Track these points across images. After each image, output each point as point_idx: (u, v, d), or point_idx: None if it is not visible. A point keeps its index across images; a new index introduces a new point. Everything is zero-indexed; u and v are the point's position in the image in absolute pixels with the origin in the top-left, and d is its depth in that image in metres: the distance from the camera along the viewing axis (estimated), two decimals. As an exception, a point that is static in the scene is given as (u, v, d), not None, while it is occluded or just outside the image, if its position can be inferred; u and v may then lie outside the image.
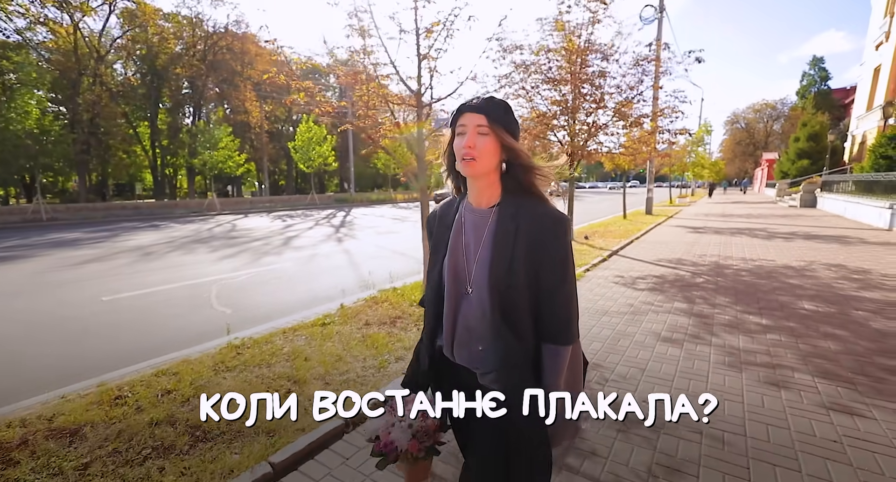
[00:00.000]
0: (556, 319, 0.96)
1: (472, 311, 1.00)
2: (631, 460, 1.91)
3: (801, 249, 7.64)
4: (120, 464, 1.96)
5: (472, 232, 1.02)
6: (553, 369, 0.96)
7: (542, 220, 0.95)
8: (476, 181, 0.99)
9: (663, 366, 2.90)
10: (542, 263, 0.94)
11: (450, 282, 1.03)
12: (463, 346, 1.03)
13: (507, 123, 0.95)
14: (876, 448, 1.95)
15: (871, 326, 3.57)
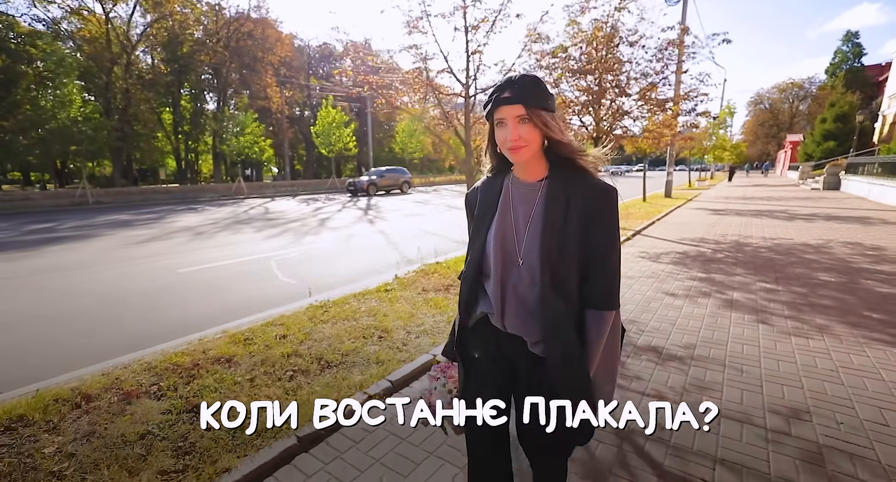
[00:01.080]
0: (603, 286, 1.00)
1: (523, 281, 1.02)
2: (669, 381, 2.46)
3: (821, 229, 7.96)
4: (274, 379, 2.59)
5: (521, 205, 1.05)
6: (597, 333, 1.00)
7: (593, 191, 0.98)
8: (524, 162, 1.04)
9: (690, 321, 3.42)
10: (593, 233, 0.98)
11: (497, 254, 1.05)
12: (514, 315, 1.05)
13: (542, 103, 0.96)
14: (864, 374, 2.46)
15: (878, 291, 4.02)
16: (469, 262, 1.12)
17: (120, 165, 23.33)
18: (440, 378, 1.23)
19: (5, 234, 9.82)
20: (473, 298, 1.13)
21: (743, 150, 35.57)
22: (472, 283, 1.12)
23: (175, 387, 2.50)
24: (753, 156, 57.00)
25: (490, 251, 1.05)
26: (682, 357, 2.77)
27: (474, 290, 1.12)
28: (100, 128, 17.30)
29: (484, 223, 1.09)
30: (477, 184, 1.18)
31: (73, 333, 3.67)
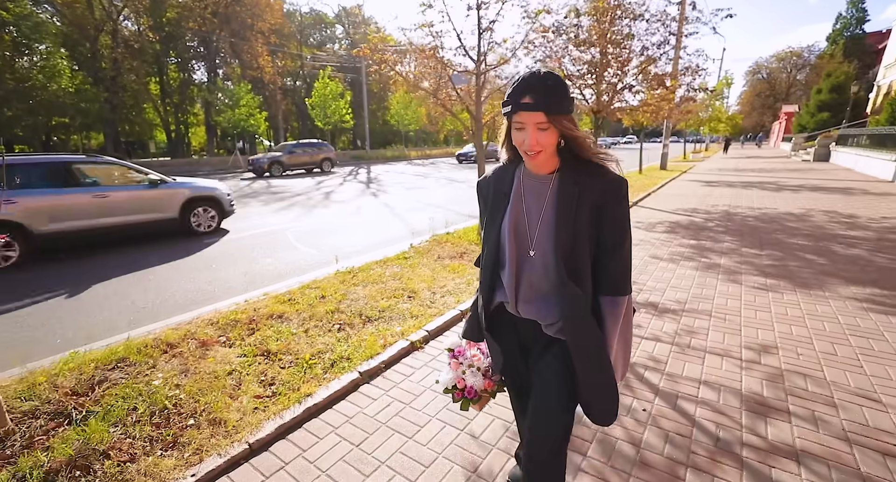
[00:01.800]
0: (617, 273, 1.04)
1: (536, 270, 1.07)
2: (664, 328, 2.92)
3: (805, 199, 8.42)
4: (325, 331, 3.01)
5: (532, 197, 1.08)
6: (613, 318, 1.05)
7: (605, 183, 1.01)
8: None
9: (682, 281, 3.87)
10: (605, 224, 1.02)
11: (511, 245, 1.09)
12: (528, 302, 1.11)
13: (563, 107, 0.96)
14: (825, 319, 2.94)
15: (844, 253, 4.50)
16: (486, 253, 1.16)
17: (112, 138, 22.92)
18: (462, 362, 1.30)
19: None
20: (492, 287, 1.18)
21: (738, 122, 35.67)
22: (490, 273, 1.16)
23: (241, 337, 2.90)
24: (748, 127, 56.98)
25: (504, 242, 1.10)
26: (675, 309, 3.22)
27: (493, 280, 1.17)
28: (92, 99, 16.92)
29: (497, 214, 1.12)
30: (488, 173, 1.20)
31: (115, 298, 4.03)
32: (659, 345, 2.65)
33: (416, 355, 2.72)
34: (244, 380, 2.38)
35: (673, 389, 2.19)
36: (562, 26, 7.94)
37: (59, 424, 1.98)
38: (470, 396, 1.24)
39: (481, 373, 1.26)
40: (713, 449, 1.76)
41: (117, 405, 2.09)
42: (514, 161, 1.14)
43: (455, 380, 1.28)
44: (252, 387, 2.30)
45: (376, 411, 2.13)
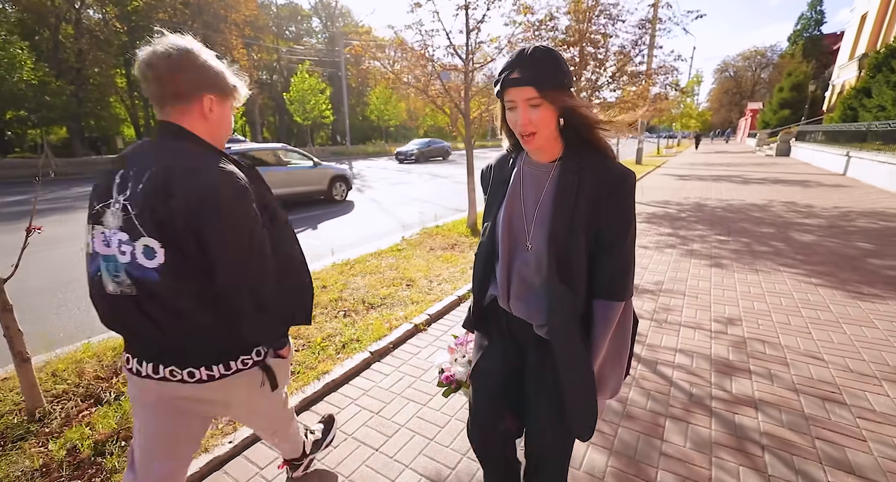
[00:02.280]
0: (613, 276, 0.94)
1: (529, 265, 1.00)
2: (643, 307, 3.22)
3: (768, 191, 9.04)
4: (331, 316, 3.17)
5: (531, 187, 1.01)
6: (603, 325, 0.95)
7: (608, 176, 0.92)
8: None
9: (659, 266, 4.21)
10: (605, 220, 0.93)
11: (505, 237, 1.02)
12: (519, 299, 1.04)
13: (558, 83, 0.88)
14: (782, 295, 3.32)
15: (799, 239, 4.97)
16: (483, 243, 1.10)
17: (79, 134, 21.92)
18: (457, 350, 1.31)
19: (-18, 207, 9.52)
20: (486, 279, 1.12)
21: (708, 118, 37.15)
22: (485, 264, 1.10)
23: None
24: (717, 123, 59.34)
25: (498, 233, 1.03)
26: (652, 290, 3.55)
27: (487, 271, 1.11)
28: (57, 93, 16.15)
29: (495, 204, 1.07)
30: (491, 160, 1.14)
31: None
32: (641, 323, 2.94)
33: (420, 337, 2.92)
34: (262, 361, 2.53)
35: (653, 357, 2.48)
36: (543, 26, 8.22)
37: (91, 405, 2.10)
38: (447, 382, 1.24)
39: (470, 366, 1.22)
40: (687, 402, 2.05)
41: (145, 386, 2.22)
42: (517, 148, 1.07)
43: (443, 365, 1.30)
44: (271, 368, 2.46)
45: (390, 384, 2.33)
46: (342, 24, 44.09)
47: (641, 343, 2.65)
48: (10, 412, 2.00)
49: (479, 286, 1.13)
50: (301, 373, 2.40)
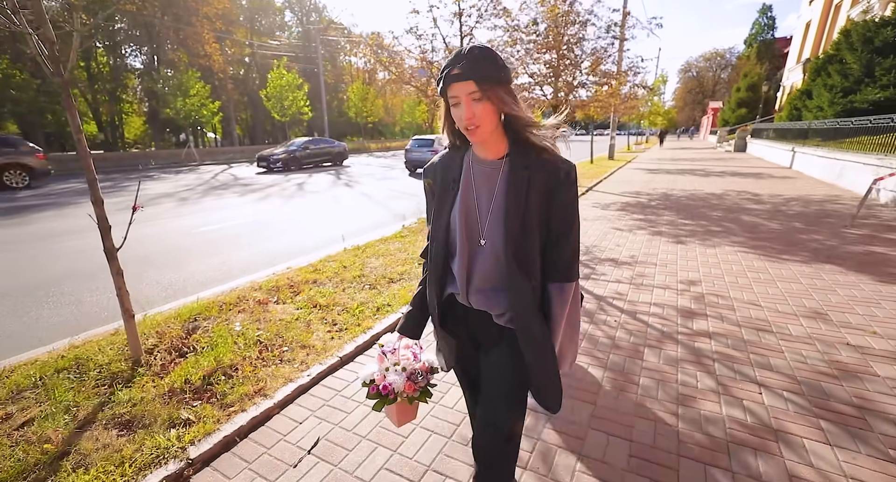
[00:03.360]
0: (565, 260, 1.03)
1: (487, 260, 1.04)
2: (623, 275, 3.86)
3: (725, 183, 10.04)
4: (358, 289, 3.63)
5: (483, 184, 1.04)
6: (560, 305, 1.04)
7: (553, 169, 0.98)
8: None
9: (634, 244, 4.88)
10: (554, 210, 1.00)
11: (462, 235, 1.05)
12: (479, 292, 1.08)
13: (497, 78, 0.92)
14: (732, 263, 4.03)
15: (748, 221, 5.80)
16: (436, 244, 1.11)
17: (39, 129, 20.96)
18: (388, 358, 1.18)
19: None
20: (442, 279, 1.14)
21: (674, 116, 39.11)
22: (441, 264, 1.12)
23: (290, 297, 3.47)
24: (682, 121, 62.28)
25: (455, 231, 1.06)
26: (629, 262, 4.20)
27: (444, 271, 1.13)
28: (23, 87, 15.50)
29: (447, 203, 1.08)
30: (434, 159, 1.15)
31: (152, 276, 4.36)
32: (620, 285, 3.58)
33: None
34: (311, 322, 2.98)
35: (633, 309, 3.10)
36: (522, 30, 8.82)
37: (178, 356, 2.50)
38: (384, 393, 1.13)
39: (406, 374, 1.14)
40: (660, 336, 2.67)
41: (221, 342, 2.64)
42: (459, 147, 1.10)
43: (375, 375, 1.16)
44: (320, 327, 2.92)
45: (425, 335, 2.84)
46: (316, 18, 43.55)
47: (623, 300, 3.27)
48: (118, 360, 2.39)
49: (439, 286, 1.14)
50: (348, 329, 2.86)
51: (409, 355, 1.19)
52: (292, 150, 16.56)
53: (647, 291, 3.42)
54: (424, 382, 1.16)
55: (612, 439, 1.79)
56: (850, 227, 5.29)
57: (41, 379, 2.24)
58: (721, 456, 1.68)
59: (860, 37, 11.44)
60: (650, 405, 2.00)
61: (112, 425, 1.90)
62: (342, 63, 47.25)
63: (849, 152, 8.76)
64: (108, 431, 1.86)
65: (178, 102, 20.25)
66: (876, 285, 3.40)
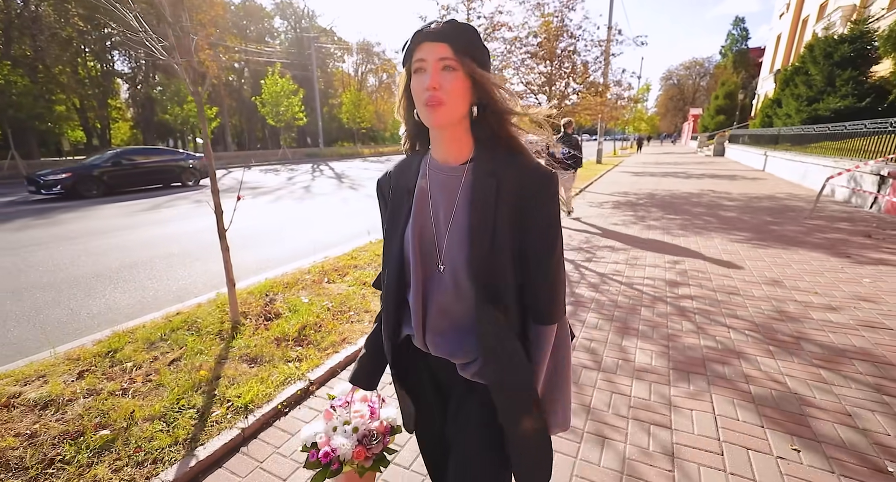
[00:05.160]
0: (543, 294, 0.79)
1: (446, 291, 0.81)
2: (619, 258, 4.55)
3: (704, 184, 10.95)
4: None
5: (440, 195, 0.82)
6: (539, 349, 0.82)
7: (528, 177, 0.76)
8: (443, 132, 0.78)
9: (628, 234, 5.60)
10: (529, 229, 0.77)
11: (416, 259, 0.82)
12: (438, 334, 0.84)
13: (476, 52, 0.74)
14: (713, 249, 4.77)
15: (724, 215, 6.62)
16: (389, 271, 0.87)
17: (36, 136, 20.96)
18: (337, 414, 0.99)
19: (-24, 207, 9.51)
20: (398, 316, 0.90)
21: (657, 122, 40.66)
22: (395, 297, 0.87)
23: (338, 278, 4.05)
24: (664, 127, 64.50)
25: (408, 254, 0.83)
26: (625, 248, 4.90)
27: (399, 306, 0.89)
28: (24, 93, 15.67)
29: (399, 219, 0.85)
30: (389, 167, 0.92)
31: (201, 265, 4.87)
32: (618, 265, 4.27)
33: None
34: (366, 295, 3.57)
35: (630, 282, 3.78)
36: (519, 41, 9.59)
37: (265, 320, 3.07)
38: (325, 461, 0.92)
39: (356, 436, 0.96)
40: (652, 298, 3.35)
41: (299, 310, 3.21)
42: (420, 149, 0.90)
43: (317, 437, 0.96)
44: (374, 299, 3.51)
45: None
46: (307, 24, 44.06)
47: (621, 275, 3.95)
48: (220, 321, 2.95)
49: (393, 326, 0.90)
50: (399, 299, 3.47)
51: (364, 411, 1.00)
52: (88, 169, 10.73)
53: (640, 269, 4.11)
54: (380, 447, 0.96)
55: (621, 362, 2.44)
56: (808, 218, 6.12)
57: (163, 335, 2.79)
58: (699, 367, 2.34)
59: (822, 51, 12.58)
60: (646, 343, 2.66)
61: (241, 361, 2.47)
62: (332, 69, 47.81)
63: (812, 156, 9.74)
64: (241, 364, 2.43)
65: (176, 108, 20.52)
66: (822, 262, 4.16)
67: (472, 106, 0.77)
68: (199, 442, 1.81)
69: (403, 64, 0.76)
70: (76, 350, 2.61)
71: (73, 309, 3.59)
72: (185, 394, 2.13)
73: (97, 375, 2.31)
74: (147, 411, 1.99)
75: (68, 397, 2.10)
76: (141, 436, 1.83)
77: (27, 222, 7.41)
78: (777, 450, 1.72)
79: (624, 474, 1.62)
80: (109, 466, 1.67)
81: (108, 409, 2.00)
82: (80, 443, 1.78)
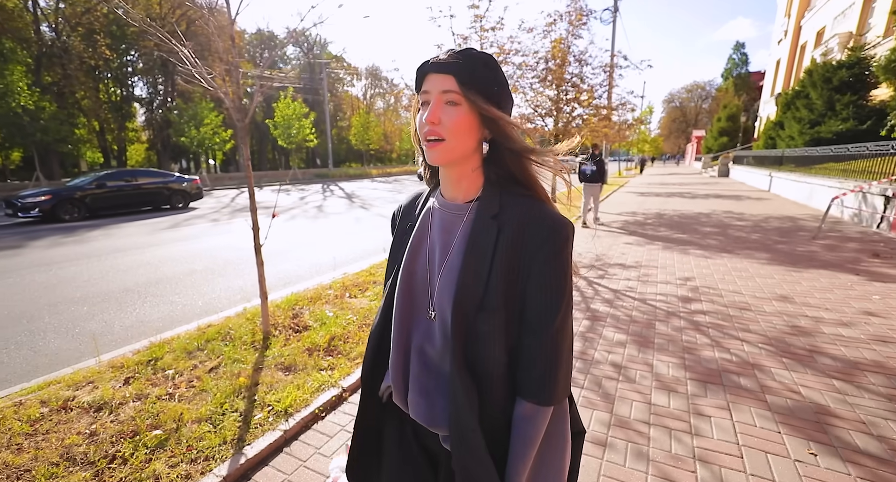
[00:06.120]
0: (538, 367, 0.65)
1: (434, 342, 0.71)
2: (630, 275, 4.66)
3: (711, 204, 11.09)
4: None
5: (440, 233, 0.73)
6: (522, 438, 0.65)
7: (535, 224, 0.66)
8: (448, 169, 0.72)
9: (637, 252, 5.72)
10: (530, 286, 0.65)
11: (404, 299, 0.73)
12: (421, 393, 0.72)
13: (485, 85, 0.65)
14: (720, 265, 4.87)
15: (732, 234, 6.72)
16: (379, 312, 0.79)
17: (58, 157, 21.79)
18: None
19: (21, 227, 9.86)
20: (380, 365, 0.79)
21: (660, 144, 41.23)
22: (378, 342, 0.78)
23: (359, 293, 4.20)
24: (668, 148, 65.25)
25: (396, 294, 0.74)
26: (635, 266, 5.01)
27: (378, 352, 0.79)
28: (53, 118, 16.47)
29: (397, 256, 0.78)
30: (402, 200, 0.87)
31: (223, 282, 5.05)
32: (630, 282, 4.38)
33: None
34: (388, 309, 3.70)
35: (643, 298, 3.88)
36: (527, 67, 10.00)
37: (294, 332, 3.21)
38: None
39: None
40: (666, 314, 3.45)
41: (326, 322, 3.35)
42: (434, 185, 0.81)
43: None
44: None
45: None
46: (318, 52, 45.92)
47: (634, 291, 4.06)
48: (252, 332, 3.09)
49: (371, 376, 0.80)
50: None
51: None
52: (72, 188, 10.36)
53: (652, 285, 4.22)
54: None
55: (640, 373, 2.54)
56: (816, 237, 6.22)
57: (199, 345, 2.93)
58: (716, 378, 2.43)
59: (820, 77, 12.94)
60: (664, 355, 2.76)
61: (277, 369, 2.60)
62: (341, 93, 49.49)
63: (817, 176, 9.89)
64: (276, 372, 2.56)
65: (193, 131, 21.29)
66: (831, 279, 4.25)
67: (482, 143, 0.70)
68: (246, 442, 1.93)
69: (416, 92, 0.70)
70: (119, 358, 2.76)
71: (107, 321, 3.75)
72: (227, 399, 2.25)
73: (142, 381, 2.45)
74: (194, 414, 2.11)
75: (119, 400, 2.24)
76: (191, 436, 1.95)
77: (57, 240, 7.69)
78: (795, 454, 1.80)
79: (649, 474, 1.71)
80: (165, 462, 1.79)
81: (157, 412, 2.13)
82: (137, 441, 1.91)
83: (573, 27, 10.00)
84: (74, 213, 10.13)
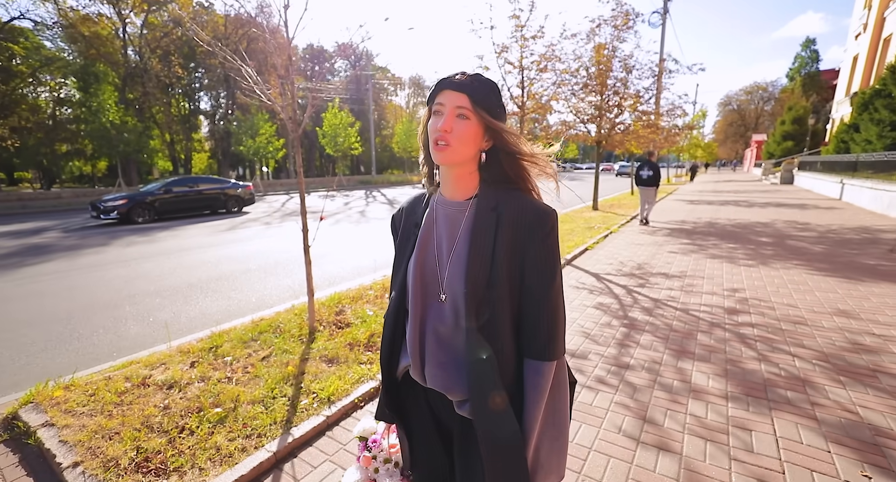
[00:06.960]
0: (541, 330, 0.80)
1: (445, 322, 0.85)
2: (674, 284, 4.49)
3: (770, 213, 10.32)
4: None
5: (445, 227, 0.87)
6: (535, 392, 0.80)
7: (527, 213, 0.81)
8: (450, 170, 0.86)
9: (682, 262, 5.49)
10: (527, 264, 0.80)
11: (417, 287, 0.86)
12: (437, 365, 0.85)
13: (491, 106, 0.81)
14: (774, 277, 4.57)
15: (791, 244, 6.24)
16: (391, 299, 0.93)
17: (136, 166, 24.35)
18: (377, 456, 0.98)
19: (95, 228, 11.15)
20: (397, 345, 0.94)
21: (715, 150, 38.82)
22: (393, 327, 0.92)
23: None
24: (723, 154, 61.16)
25: (409, 283, 0.87)
26: (679, 275, 4.82)
27: (398, 335, 0.93)
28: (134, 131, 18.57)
29: (405, 250, 0.91)
30: (403, 203, 1.00)
31: (273, 281, 5.42)
32: (672, 291, 4.23)
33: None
34: (424, 310, 3.84)
35: (685, 308, 3.75)
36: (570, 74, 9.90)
37: (337, 328, 3.42)
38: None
39: (398, 471, 0.97)
40: (709, 325, 3.31)
41: (366, 320, 3.54)
42: (434, 183, 0.94)
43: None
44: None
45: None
46: (365, 63, 47.92)
47: (676, 301, 3.92)
48: (299, 327, 3.34)
49: (389, 355, 0.94)
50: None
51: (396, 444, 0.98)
52: (146, 195, 11.70)
53: (696, 296, 4.06)
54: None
55: (677, 382, 2.48)
56: (894, 250, 5.64)
57: (253, 336, 3.21)
58: (759, 391, 2.33)
59: (905, 73, 11.68)
60: (703, 365, 2.67)
61: (321, 361, 2.80)
62: (385, 102, 51.21)
63: (898, 183, 8.94)
64: (321, 364, 2.76)
65: (249, 141, 22.94)
66: (908, 296, 3.87)
67: (481, 151, 0.85)
68: (293, 424, 2.12)
69: (427, 103, 0.85)
70: (185, 345, 3.09)
71: (175, 312, 4.19)
72: (277, 385, 2.47)
73: (205, 366, 2.74)
74: (249, 396, 2.35)
75: (186, 381, 2.53)
76: (246, 415, 2.18)
77: (132, 239, 8.61)
78: (845, 474, 1.70)
79: (679, 481, 1.69)
80: (225, 436, 2.01)
81: (218, 392, 2.38)
82: (201, 416, 2.15)
83: (618, 31, 9.82)
84: (146, 216, 11.44)
